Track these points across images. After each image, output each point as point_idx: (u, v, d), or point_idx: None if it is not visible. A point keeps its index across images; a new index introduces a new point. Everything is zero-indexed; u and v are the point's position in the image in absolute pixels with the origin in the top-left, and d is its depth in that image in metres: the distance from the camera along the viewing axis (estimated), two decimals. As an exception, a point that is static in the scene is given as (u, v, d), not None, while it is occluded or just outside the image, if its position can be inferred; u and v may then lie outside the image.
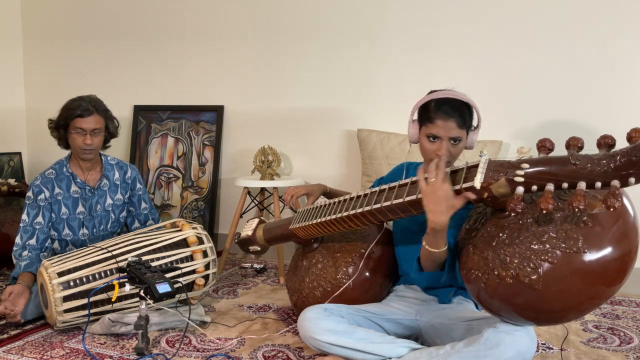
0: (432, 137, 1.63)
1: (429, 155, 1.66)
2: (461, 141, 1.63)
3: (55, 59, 3.70)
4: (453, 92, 1.65)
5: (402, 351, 1.54)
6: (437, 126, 1.61)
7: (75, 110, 2.20)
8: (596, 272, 1.19)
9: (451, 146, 1.62)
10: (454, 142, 1.62)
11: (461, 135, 1.62)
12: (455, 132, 1.60)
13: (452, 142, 1.62)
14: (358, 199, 1.66)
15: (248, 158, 3.18)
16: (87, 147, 2.23)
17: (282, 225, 2.00)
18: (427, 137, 1.65)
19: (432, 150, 1.64)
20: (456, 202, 1.34)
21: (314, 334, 1.60)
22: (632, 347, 1.87)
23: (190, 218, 3.27)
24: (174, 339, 1.93)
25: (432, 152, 1.64)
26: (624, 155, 1.10)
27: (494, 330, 1.38)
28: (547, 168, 1.20)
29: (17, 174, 3.59)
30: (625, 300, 2.43)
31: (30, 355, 1.79)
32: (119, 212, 2.40)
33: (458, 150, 1.64)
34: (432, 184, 1.36)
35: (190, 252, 2.13)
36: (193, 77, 3.36)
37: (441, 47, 2.82)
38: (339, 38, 3.00)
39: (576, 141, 1.20)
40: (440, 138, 1.61)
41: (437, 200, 1.35)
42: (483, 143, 2.63)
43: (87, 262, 1.98)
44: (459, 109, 1.61)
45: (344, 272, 1.83)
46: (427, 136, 1.65)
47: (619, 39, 2.53)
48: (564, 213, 1.24)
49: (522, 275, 1.25)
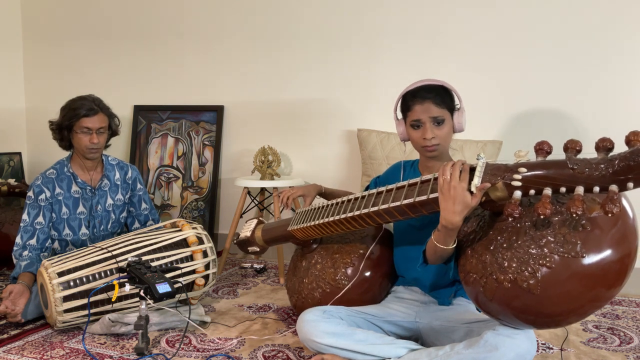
0: (416, 125, 1.67)
1: (419, 144, 1.70)
2: (445, 121, 1.65)
3: (55, 59, 3.70)
4: (425, 80, 1.69)
5: (401, 352, 1.53)
6: (415, 112, 1.65)
7: (80, 110, 2.20)
8: (595, 275, 1.18)
9: (435, 128, 1.65)
10: (438, 124, 1.65)
11: (442, 115, 1.64)
12: (435, 111, 1.63)
13: (436, 123, 1.64)
14: (356, 200, 1.66)
15: (248, 158, 3.18)
16: (94, 147, 2.23)
17: (281, 226, 2.00)
18: (411, 127, 1.69)
19: (419, 137, 1.68)
20: (472, 201, 1.31)
21: (313, 337, 1.60)
22: (632, 347, 1.87)
23: (190, 218, 3.27)
24: (174, 339, 1.93)
25: (419, 138, 1.68)
26: (622, 160, 1.08)
27: (493, 333, 1.38)
28: (544, 172, 1.18)
29: (17, 174, 3.59)
30: (625, 300, 2.43)
31: (30, 355, 1.79)
32: (119, 212, 2.40)
33: (444, 132, 1.66)
34: (449, 182, 1.33)
35: (190, 252, 2.13)
36: (193, 77, 3.36)
37: (441, 47, 2.82)
38: (339, 38, 3.00)
39: (574, 144, 1.19)
40: (423, 122, 1.65)
41: (453, 199, 1.32)
42: (483, 143, 2.63)
43: (87, 262, 1.98)
44: (434, 91, 1.65)
45: (343, 273, 1.83)
46: (411, 126, 1.69)
47: (619, 40, 2.53)
48: (562, 217, 1.23)
49: (520, 279, 1.24)
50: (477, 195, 1.29)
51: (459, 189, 1.31)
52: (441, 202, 1.35)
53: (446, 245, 1.43)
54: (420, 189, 1.45)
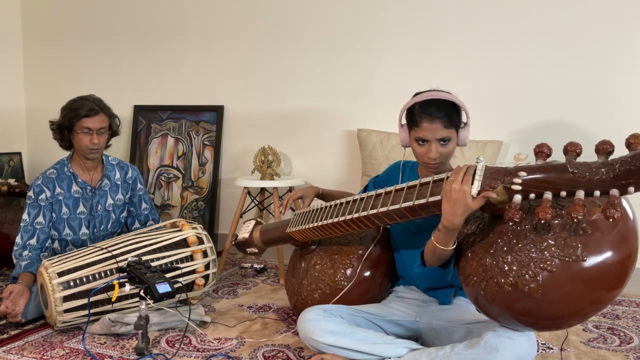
0: (421, 141, 1.63)
1: (421, 159, 1.67)
2: (451, 140, 1.62)
3: (55, 59, 3.70)
4: (437, 92, 1.63)
5: (401, 351, 1.54)
6: (423, 129, 1.61)
7: (81, 110, 2.20)
8: (596, 278, 1.18)
9: (440, 147, 1.62)
10: (443, 143, 1.62)
11: (449, 135, 1.61)
12: (442, 132, 1.60)
13: (441, 142, 1.62)
14: (355, 202, 1.66)
15: (248, 158, 3.18)
16: (95, 147, 2.23)
17: (279, 227, 2.00)
18: (416, 141, 1.65)
19: (423, 153, 1.64)
20: (473, 205, 1.31)
21: (314, 335, 1.60)
22: (632, 347, 1.87)
23: (190, 218, 3.27)
24: (174, 339, 1.93)
25: (423, 155, 1.64)
26: (623, 164, 1.08)
27: (494, 334, 1.38)
28: (544, 176, 1.18)
29: (17, 174, 3.59)
30: (625, 300, 2.44)
31: (30, 355, 1.79)
32: (119, 212, 2.40)
33: (448, 150, 1.63)
34: (451, 185, 1.33)
35: (190, 252, 2.13)
36: (193, 77, 3.36)
37: (441, 47, 2.82)
38: (339, 38, 3.00)
39: (574, 147, 1.18)
40: (429, 140, 1.61)
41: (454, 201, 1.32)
42: (483, 143, 2.63)
43: (87, 262, 1.98)
44: (444, 109, 1.60)
45: (342, 274, 1.83)
46: (415, 139, 1.65)
47: (619, 41, 2.53)
48: (563, 220, 1.23)
49: (521, 283, 1.24)
50: (479, 199, 1.30)
51: (460, 193, 1.31)
52: (443, 203, 1.36)
53: (446, 246, 1.43)
54: (420, 192, 1.44)
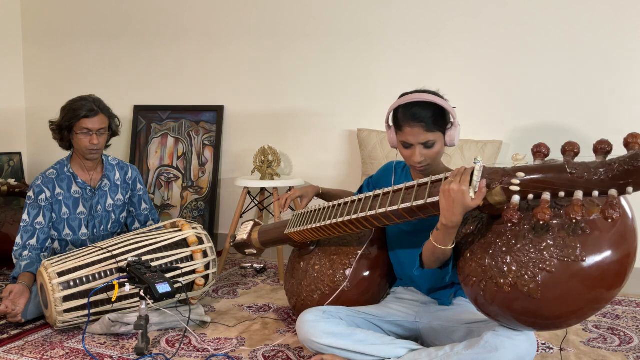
0: (405, 144, 1.62)
1: (408, 162, 1.66)
2: (436, 143, 1.59)
3: (55, 59, 3.70)
4: (421, 95, 1.59)
5: (401, 352, 1.54)
6: (406, 134, 1.59)
7: (80, 111, 2.20)
8: (595, 277, 1.18)
9: (425, 150, 1.59)
10: (427, 147, 1.59)
11: (433, 138, 1.58)
12: (425, 136, 1.57)
13: (425, 146, 1.59)
14: (353, 203, 1.66)
15: (248, 158, 3.18)
16: (94, 147, 2.23)
17: (278, 228, 2.00)
18: (401, 144, 1.64)
19: (408, 156, 1.63)
20: (471, 204, 1.31)
21: (313, 337, 1.60)
22: (632, 347, 1.87)
23: (190, 218, 3.27)
24: (174, 339, 1.93)
25: (408, 158, 1.63)
26: (621, 165, 1.07)
27: (493, 334, 1.38)
28: (543, 177, 1.18)
29: (17, 174, 3.59)
30: (625, 300, 2.44)
31: (30, 355, 1.80)
32: (119, 212, 2.40)
33: (434, 152, 1.60)
34: (449, 185, 1.34)
35: (190, 252, 2.13)
36: (193, 77, 3.36)
37: (441, 47, 2.82)
38: (338, 38, 3.00)
39: (572, 147, 1.18)
40: (412, 145, 1.60)
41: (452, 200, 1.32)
42: (483, 143, 2.63)
43: (87, 262, 1.99)
44: (426, 112, 1.56)
45: (341, 274, 1.82)
46: (400, 142, 1.64)
47: (619, 41, 2.53)
48: (562, 220, 1.23)
49: (520, 284, 1.24)
50: (477, 198, 1.30)
51: (459, 192, 1.31)
52: (441, 202, 1.36)
53: (445, 246, 1.43)
54: (418, 193, 1.44)
